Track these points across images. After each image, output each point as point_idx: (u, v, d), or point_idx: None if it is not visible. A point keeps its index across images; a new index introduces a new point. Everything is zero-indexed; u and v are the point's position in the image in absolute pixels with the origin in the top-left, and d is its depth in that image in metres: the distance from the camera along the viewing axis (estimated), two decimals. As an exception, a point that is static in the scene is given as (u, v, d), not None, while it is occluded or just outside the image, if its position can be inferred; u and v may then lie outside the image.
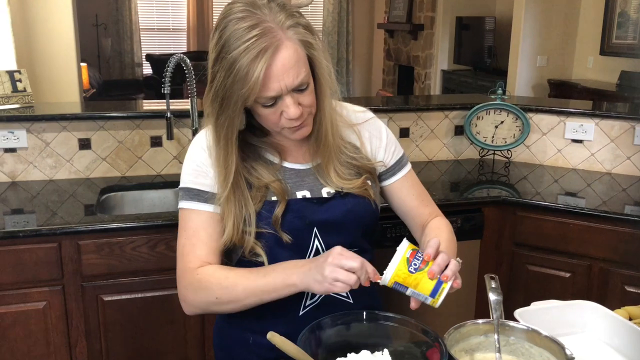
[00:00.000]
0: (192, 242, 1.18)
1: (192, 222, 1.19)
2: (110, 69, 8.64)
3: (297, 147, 1.24)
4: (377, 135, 1.31)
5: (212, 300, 1.15)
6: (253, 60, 0.99)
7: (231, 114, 1.06)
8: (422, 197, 1.36)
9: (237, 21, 1.03)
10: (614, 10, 5.87)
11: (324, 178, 1.22)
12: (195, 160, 1.20)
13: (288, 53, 1.03)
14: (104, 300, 1.92)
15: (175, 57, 2.27)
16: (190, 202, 1.19)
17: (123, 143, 2.39)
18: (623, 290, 2.04)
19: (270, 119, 1.10)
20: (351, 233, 1.22)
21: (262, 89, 1.03)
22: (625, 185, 2.41)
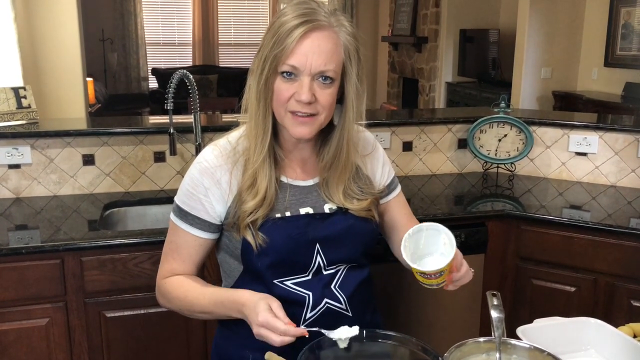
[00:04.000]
0: (172, 255, 1.25)
1: (176, 237, 1.24)
2: (117, 83, 8.70)
3: (302, 163, 1.25)
4: (378, 160, 1.34)
5: (177, 310, 1.27)
6: (296, 26, 1.07)
7: (267, 74, 1.10)
8: (410, 216, 1.40)
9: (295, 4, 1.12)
10: (617, 21, 5.87)
11: (329, 194, 1.23)
12: (191, 181, 1.21)
13: (327, 39, 1.10)
14: (106, 317, 1.92)
15: (179, 73, 2.28)
16: (178, 220, 1.23)
17: (126, 158, 2.40)
18: (629, 304, 2.02)
19: (282, 95, 1.11)
20: (351, 249, 1.23)
21: (291, 54, 1.08)
22: (630, 198, 2.39)
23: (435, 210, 2.17)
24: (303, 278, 1.19)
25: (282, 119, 1.15)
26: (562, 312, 1.95)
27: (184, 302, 1.22)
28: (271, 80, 1.11)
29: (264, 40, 1.14)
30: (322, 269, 1.20)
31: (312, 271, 1.19)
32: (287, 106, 1.12)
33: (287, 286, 1.19)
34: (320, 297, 1.20)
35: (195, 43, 9.01)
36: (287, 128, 1.15)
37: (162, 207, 2.36)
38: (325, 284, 1.20)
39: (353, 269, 1.25)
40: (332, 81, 1.11)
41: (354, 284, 1.24)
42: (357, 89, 1.16)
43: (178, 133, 2.39)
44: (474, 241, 2.17)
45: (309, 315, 1.20)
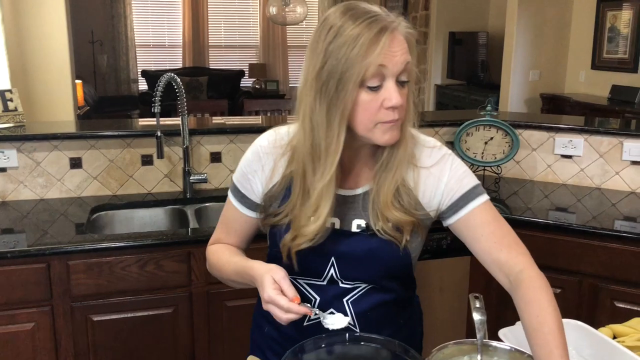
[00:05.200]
0: (221, 225, 1.33)
1: (226, 210, 1.31)
2: (106, 85, 8.67)
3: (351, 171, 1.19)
4: (438, 179, 1.18)
5: (210, 269, 1.33)
6: (378, 32, 1.03)
7: (350, 90, 1.04)
8: (496, 238, 1.17)
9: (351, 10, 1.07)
10: (604, 25, 5.94)
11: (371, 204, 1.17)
12: (244, 161, 1.25)
13: (401, 37, 1.07)
14: (93, 321, 1.91)
15: (166, 76, 2.28)
16: (230, 195, 1.29)
17: (114, 162, 2.40)
18: (613, 306, 2.04)
19: (371, 108, 1.06)
20: (370, 271, 1.17)
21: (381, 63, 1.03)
22: (615, 200, 2.42)
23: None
24: (317, 282, 1.19)
25: (368, 131, 1.09)
26: (547, 314, 1.97)
27: (217, 268, 1.29)
28: (355, 96, 1.05)
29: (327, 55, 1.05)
30: (337, 281, 1.18)
31: (327, 279, 1.19)
32: (377, 118, 1.07)
33: (299, 284, 1.20)
34: (327, 304, 1.18)
35: (185, 45, 8.99)
36: (376, 138, 1.09)
37: (150, 210, 2.36)
38: (338, 295, 1.18)
39: (375, 290, 1.19)
40: (409, 78, 1.09)
41: (370, 304, 1.19)
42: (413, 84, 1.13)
43: (166, 136, 2.39)
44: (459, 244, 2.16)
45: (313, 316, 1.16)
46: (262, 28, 9.17)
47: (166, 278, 1.96)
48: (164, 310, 1.98)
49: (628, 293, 2.02)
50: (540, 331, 1.04)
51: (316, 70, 1.07)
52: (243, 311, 2.05)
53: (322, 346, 1.03)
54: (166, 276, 1.95)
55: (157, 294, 1.96)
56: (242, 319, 2.06)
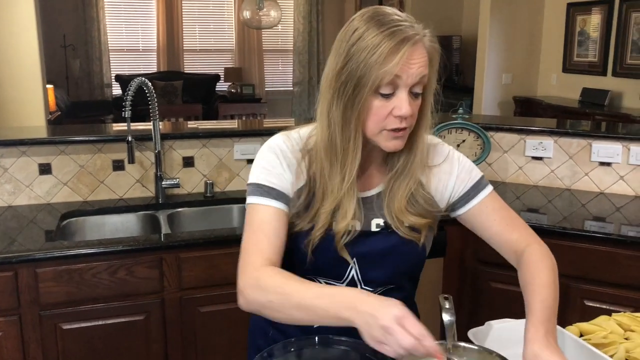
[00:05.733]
0: (257, 236, 1.14)
1: (257, 215, 1.16)
2: (79, 90, 8.54)
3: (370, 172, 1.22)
4: (448, 173, 1.24)
5: (265, 303, 1.07)
6: (399, 43, 1.05)
7: (365, 94, 1.07)
8: (506, 222, 1.25)
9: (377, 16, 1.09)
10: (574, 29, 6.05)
11: (385, 206, 1.19)
12: (267, 161, 1.19)
13: (422, 50, 1.08)
14: (62, 329, 1.88)
15: (137, 81, 2.26)
16: (257, 198, 1.17)
17: (84, 167, 2.37)
18: (583, 304, 2.08)
19: (380, 114, 1.09)
20: (390, 270, 1.20)
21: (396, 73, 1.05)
22: (584, 201, 2.46)
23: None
24: (336, 283, 1.20)
25: (374, 136, 1.12)
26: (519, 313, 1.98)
27: (281, 292, 1.05)
28: (367, 101, 1.08)
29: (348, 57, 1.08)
30: (357, 284, 1.19)
31: (346, 282, 1.19)
32: (385, 124, 1.10)
33: (318, 281, 1.20)
34: None
35: (160, 49, 8.91)
36: (380, 143, 1.12)
37: (121, 216, 2.33)
38: None
39: (391, 291, 1.23)
40: (423, 90, 1.11)
41: None
42: (433, 93, 1.15)
43: (137, 141, 2.37)
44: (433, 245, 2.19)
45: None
46: (238, 32, 9.14)
47: (138, 284, 1.93)
48: (136, 317, 1.96)
49: (598, 292, 2.06)
50: (531, 283, 1.18)
51: (337, 70, 1.10)
52: (217, 317, 2.03)
53: (292, 350, 1.02)
54: (138, 283, 1.93)
55: (128, 301, 1.94)
56: (216, 325, 2.04)
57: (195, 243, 1.98)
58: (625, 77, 5.50)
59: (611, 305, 2.00)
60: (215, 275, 2.01)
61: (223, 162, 2.53)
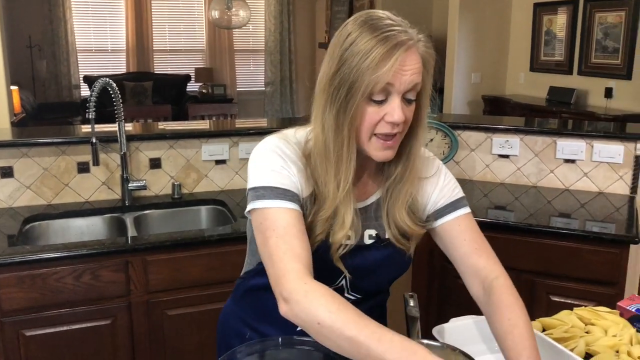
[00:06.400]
0: (286, 240, 1.05)
1: (280, 220, 1.07)
2: (46, 91, 8.37)
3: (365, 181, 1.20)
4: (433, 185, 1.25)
5: (311, 323, 0.97)
6: (391, 49, 1.03)
7: (358, 100, 1.05)
8: (476, 245, 1.23)
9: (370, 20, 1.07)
10: (540, 29, 6.15)
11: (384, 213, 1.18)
12: (271, 160, 1.12)
13: (416, 56, 1.06)
14: (25, 336, 1.84)
15: (101, 81, 2.22)
16: (274, 201, 1.08)
17: (48, 170, 2.32)
18: (549, 299, 2.11)
19: (371, 119, 1.07)
20: (381, 280, 1.22)
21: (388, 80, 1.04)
22: (550, 197, 2.50)
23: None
24: None
25: (364, 143, 1.10)
26: (486, 310, 2.02)
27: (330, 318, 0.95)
28: (360, 106, 1.06)
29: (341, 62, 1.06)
30: (344, 290, 1.20)
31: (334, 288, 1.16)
32: (375, 130, 1.08)
33: None
34: None
35: (129, 49, 8.80)
36: (370, 152, 1.10)
37: (87, 219, 2.29)
38: None
39: (373, 296, 1.24)
40: (416, 97, 1.10)
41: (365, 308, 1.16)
42: (428, 99, 1.14)
43: (103, 143, 2.33)
44: (402, 244, 2.21)
45: None
46: (208, 32, 9.08)
47: (103, 289, 1.90)
48: (102, 321, 1.93)
49: (562, 287, 2.09)
50: (511, 333, 1.08)
51: (330, 75, 1.08)
52: (185, 320, 2.01)
53: (255, 352, 1.02)
54: (103, 287, 1.90)
55: (94, 306, 1.91)
56: (184, 328, 2.02)
57: (162, 246, 1.95)
58: (590, 75, 5.61)
59: (576, 299, 2.04)
60: (183, 278, 1.99)
61: (191, 163, 2.51)
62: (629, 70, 5.21)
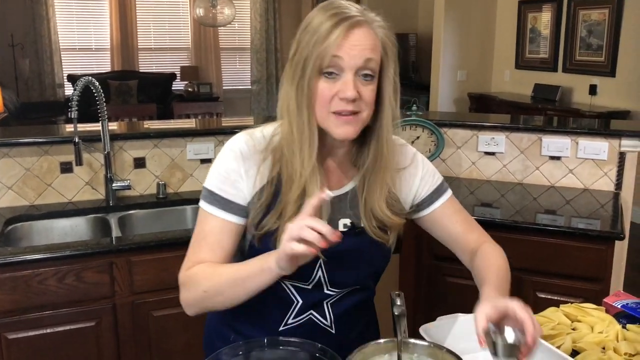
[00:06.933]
0: (199, 244, 1.17)
1: (206, 225, 1.17)
2: (30, 90, 8.27)
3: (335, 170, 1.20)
4: (414, 176, 1.26)
5: (201, 294, 1.13)
6: (336, 23, 1.06)
7: (310, 76, 1.08)
8: (467, 223, 1.31)
9: (326, 5, 1.11)
10: (525, 26, 6.18)
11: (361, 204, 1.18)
12: (224, 166, 1.16)
13: (367, 33, 1.08)
14: (8, 339, 1.81)
15: (83, 80, 2.19)
16: (210, 206, 1.16)
17: (30, 170, 2.28)
18: (535, 296, 2.12)
19: (325, 96, 1.08)
20: (359, 272, 1.20)
21: (335, 51, 1.06)
22: (536, 194, 2.51)
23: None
24: (303, 285, 1.17)
25: (324, 121, 1.10)
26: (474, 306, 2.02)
27: (209, 280, 1.11)
28: (313, 82, 1.08)
29: (298, 43, 1.11)
30: (323, 286, 1.18)
31: (313, 283, 1.17)
32: (330, 106, 1.09)
33: (284, 284, 1.16)
34: (307, 307, 1.18)
35: (114, 48, 8.72)
36: (330, 130, 1.10)
37: (70, 220, 2.26)
38: (320, 299, 1.19)
39: (356, 291, 1.23)
40: (373, 77, 1.10)
41: (349, 304, 1.22)
42: (394, 86, 1.14)
43: (87, 142, 2.30)
44: (389, 242, 2.21)
45: (291, 320, 1.19)
46: (193, 30, 9.02)
47: (87, 290, 1.88)
48: (87, 323, 1.91)
49: (549, 284, 2.10)
50: (487, 266, 1.22)
51: (289, 58, 1.13)
52: (171, 321, 1.99)
53: (240, 353, 1.00)
54: (87, 288, 1.88)
55: (78, 307, 1.89)
56: (170, 329, 2.00)
57: (147, 246, 1.93)
58: (574, 72, 5.65)
59: (562, 296, 2.05)
60: (168, 279, 1.96)
61: (176, 163, 2.48)
62: (612, 68, 5.26)
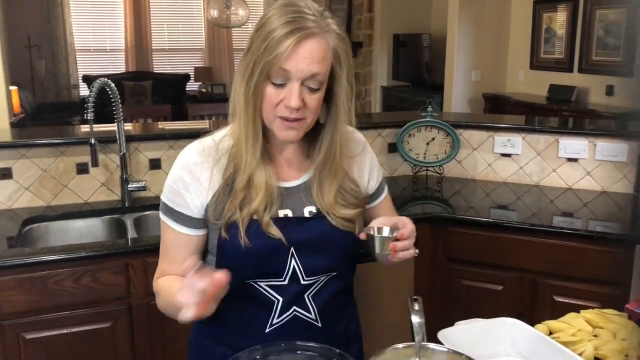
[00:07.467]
0: (162, 255, 1.26)
1: (165, 235, 1.25)
2: (45, 91, 8.35)
3: (288, 164, 1.24)
4: (365, 164, 1.32)
5: (161, 306, 1.25)
6: (287, 34, 1.06)
7: (257, 80, 1.10)
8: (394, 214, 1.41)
9: (284, 6, 1.11)
10: (540, 26, 6.12)
11: (320, 195, 1.21)
12: (174, 178, 1.21)
13: (319, 45, 1.09)
14: (25, 339, 1.82)
15: (99, 82, 2.20)
16: (165, 217, 1.23)
17: (47, 171, 2.30)
18: (552, 300, 2.09)
19: (271, 101, 1.11)
20: (330, 256, 1.21)
21: (283, 63, 1.07)
22: (553, 197, 2.48)
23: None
24: (278, 282, 1.18)
25: (270, 123, 1.15)
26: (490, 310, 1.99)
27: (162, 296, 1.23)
28: (262, 86, 1.11)
29: (251, 43, 1.12)
30: (299, 276, 1.19)
31: (288, 276, 1.18)
32: (276, 111, 1.12)
33: (260, 287, 1.18)
34: (289, 304, 1.19)
35: (128, 49, 8.77)
36: (275, 132, 1.15)
37: (86, 220, 2.27)
38: (299, 292, 1.19)
39: (332, 279, 1.23)
40: (320, 87, 1.12)
41: (329, 294, 1.23)
42: (347, 90, 1.17)
43: (102, 143, 2.31)
44: (404, 244, 2.19)
45: (275, 320, 1.19)
46: (207, 31, 9.06)
47: (103, 291, 1.88)
48: (102, 324, 1.91)
49: (567, 287, 2.07)
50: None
51: (243, 55, 1.14)
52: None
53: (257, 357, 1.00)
54: (103, 289, 1.88)
55: (94, 308, 1.89)
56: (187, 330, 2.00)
57: (163, 247, 1.93)
58: (591, 73, 5.59)
59: (580, 300, 2.02)
60: (184, 280, 1.96)
61: (191, 164, 2.48)
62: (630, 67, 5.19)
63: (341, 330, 1.28)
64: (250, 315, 1.19)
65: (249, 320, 1.20)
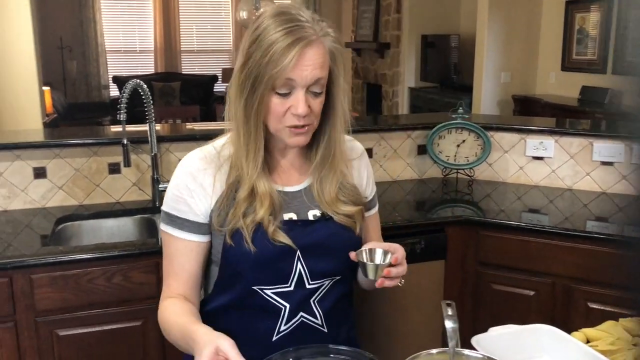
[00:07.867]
0: (167, 270, 1.24)
1: (169, 247, 1.23)
2: (76, 92, 8.52)
3: (289, 169, 1.26)
4: (363, 170, 1.35)
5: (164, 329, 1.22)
6: (290, 45, 1.08)
7: (261, 93, 1.11)
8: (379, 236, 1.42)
9: (278, 15, 1.12)
10: (572, 27, 6.02)
11: (318, 199, 1.23)
12: (177, 185, 1.21)
13: (319, 50, 1.11)
14: (59, 336, 1.85)
15: (132, 83, 2.23)
16: (168, 227, 1.22)
17: (80, 171, 2.34)
18: (586, 307, 2.05)
19: (277, 111, 1.13)
20: (335, 259, 1.22)
21: (288, 74, 1.09)
22: (586, 201, 2.43)
23: (395, 217, 2.17)
24: (284, 288, 1.18)
25: (277, 131, 1.16)
26: (521, 316, 1.96)
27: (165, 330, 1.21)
28: (266, 99, 1.12)
29: (248, 55, 1.12)
30: (304, 281, 1.19)
31: (294, 281, 1.18)
32: (284, 121, 1.13)
33: (265, 294, 1.18)
34: (296, 310, 1.19)
35: (157, 50, 8.89)
36: (284, 139, 1.17)
37: (118, 220, 2.30)
38: (306, 297, 1.20)
39: (337, 283, 1.24)
40: (322, 90, 1.15)
41: (334, 298, 1.24)
42: (343, 90, 1.20)
43: (134, 144, 2.34)
44: (433, 247, 2.17)
45: (283, 327, 1.19)
46: (235, 32, 9.12)
47: (134, 290, 1.90)
48: (133, 323, 1.93)
49: (601, 294, 2.02)
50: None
51: (239, 67, 1.14)
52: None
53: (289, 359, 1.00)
54: (134, 288, 1.90)
55: (125, 307, 1.91)
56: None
57: (193, 247, 1.95)
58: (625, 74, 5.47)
59: (614, 307, 1.97)
60: (213, 280, 1.98)
61: (220, 165, 2.50)
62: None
63: (344, 335, 1.28)
64: (257, 324, 1.20)
65: (256, 330, 1.20)
